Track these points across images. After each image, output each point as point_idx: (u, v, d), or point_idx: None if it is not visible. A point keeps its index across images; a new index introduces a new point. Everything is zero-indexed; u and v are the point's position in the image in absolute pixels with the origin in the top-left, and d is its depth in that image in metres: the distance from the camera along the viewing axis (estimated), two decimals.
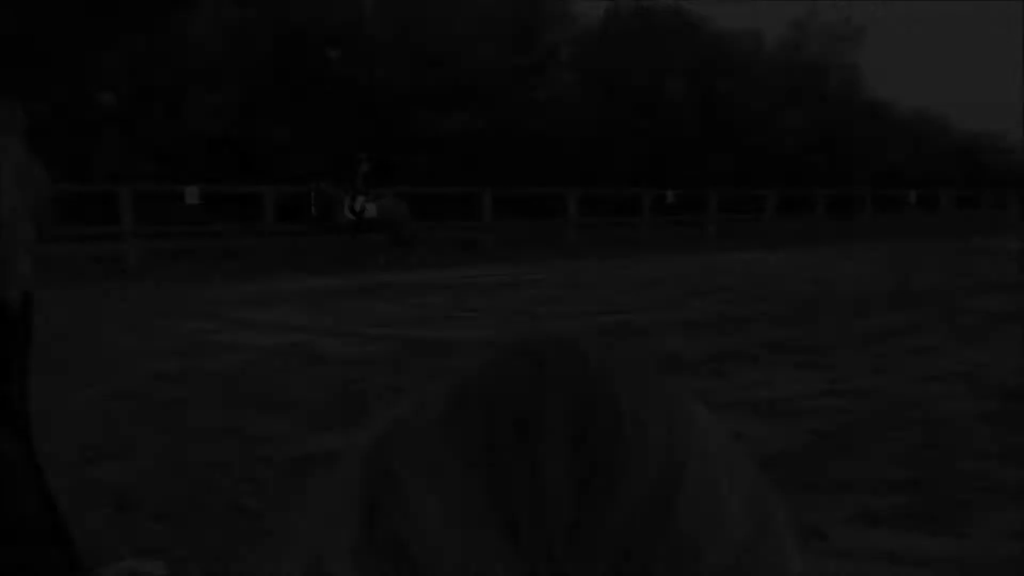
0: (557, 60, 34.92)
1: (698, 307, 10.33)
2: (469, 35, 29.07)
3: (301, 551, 0.31)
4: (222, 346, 7.68)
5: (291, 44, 25.72)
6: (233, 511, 3.75)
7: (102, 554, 3.26)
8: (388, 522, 0.29)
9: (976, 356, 7.14)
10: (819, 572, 2.83)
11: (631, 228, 24.12)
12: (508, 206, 29.13)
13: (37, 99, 21.37)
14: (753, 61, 39.66)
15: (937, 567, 3.23)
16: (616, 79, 34.96)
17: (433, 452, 0.30)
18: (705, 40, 37.29)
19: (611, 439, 0.30)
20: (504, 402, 0.31)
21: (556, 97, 33.40)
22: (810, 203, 29.61)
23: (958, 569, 3.19)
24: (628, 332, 8.33)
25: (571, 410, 0.30)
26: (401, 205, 17.12)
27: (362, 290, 12.20)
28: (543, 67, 33.86)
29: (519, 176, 31.21)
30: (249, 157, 24.65)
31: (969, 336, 8.17)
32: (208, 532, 3.54)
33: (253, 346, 7.64)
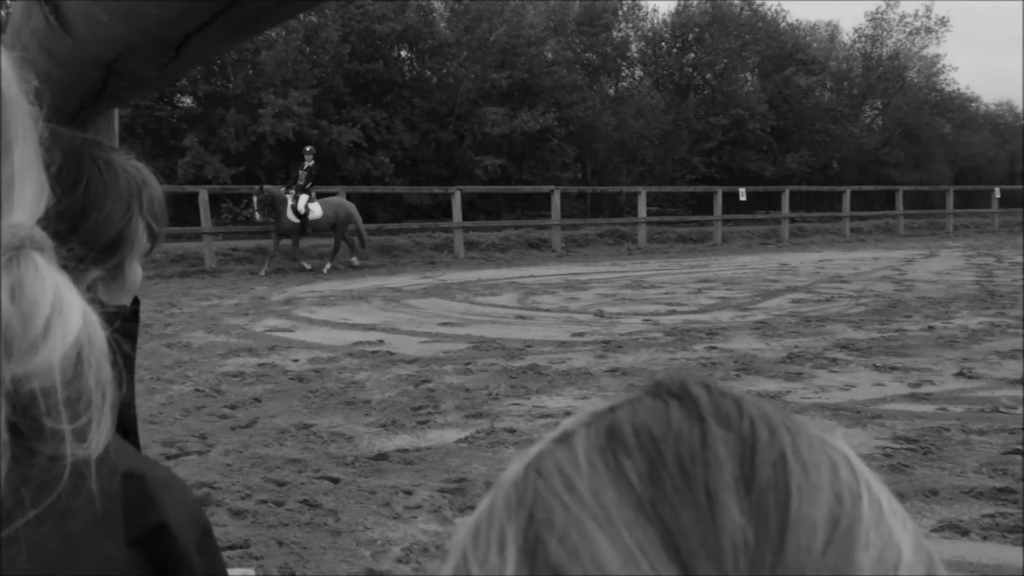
0: (627, 56, 34.65)
1: (771, 307, 10.12)
2: (538, 33, 29.04)
3: None
4: (296, 344, 7.81)
5: (362, 46, 26.07)
6: (308, 508, 3.81)
7: None
8: (551, 558, 0.28)
9: None
10: None
11: (702, 226, 23.80)
12: (577, 204, 29.08)
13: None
14: (830, 54, 38.73)
15: None
16: (687, 74, 34.54)
17: (594, 491, 0.30)
18: (780, 33, 36.55)
19: (782, 480, 0.29)
20: (664, 441, 0.31)
21: (626, 94, 33.16)
22: (889, 199, 28.75)
23: None
24: (698, 333, 8.21)
25: (737, 449, 0.30)
26: (347, 205, 15.60)
27: (432, 289, 12.31)
28: (613, 64, 33.64)
29: (589, 174, 31.11)
30: (321, 158, 25.06)
31: None
32: (284, 528, 3.60)
33: (326, 344, 7.76)
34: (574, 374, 6.42)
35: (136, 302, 1.22)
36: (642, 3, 36.11)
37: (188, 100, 25.53)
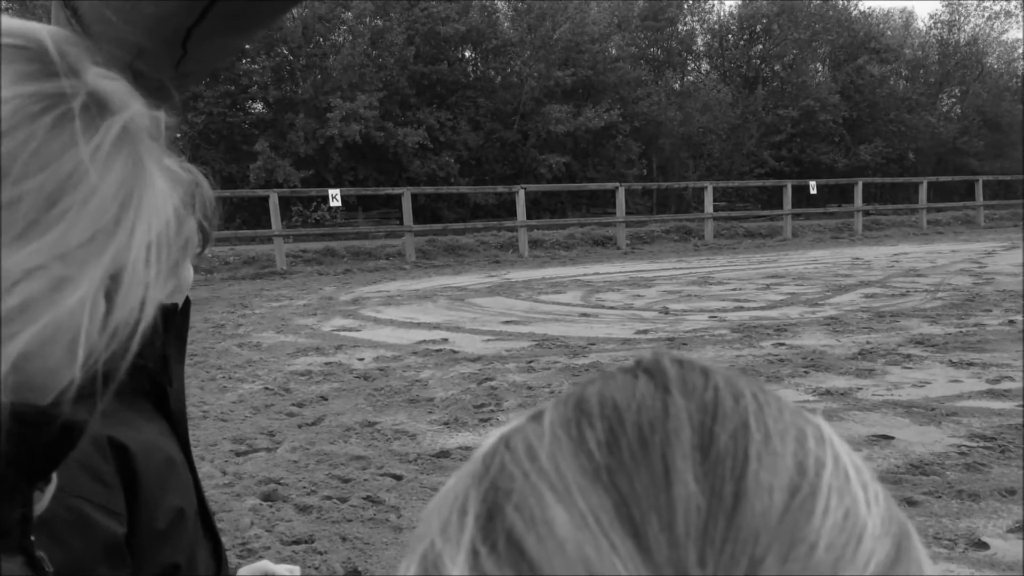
0: (693, 50, 34.22)
1: (843, 303, 9.88)
2: (602, 29, 28.90)
3: (421, 550, 0.32)
4: (362, 343, 7.93)
5: (427, 47, 26.30)
6: (371, 504, 3.86)
7: (249, 543, 3.42)
8: (507, 524, 0.29)
9: None
10: None
11: (771, 221, 23.36)
12: (642, 200, 28.85)
13: (195, 111, 22.75)
14: (904, 41, 37.62)
15: None
16: (755, 67, 33.94)
17: (554, 460, 0.30)
18: (851, 21, 35.64)
19: (740, 447, 0.29)
20: (626, 410, 0.31)
21: (692, 88, 32.76)
22: (968, 189, 27.80)
23: None
24: (766, 329, 8.06)
25: (697, 418, 0.30)
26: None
27: (497, 287, 12.35)
28: (678, 58, 33.27)
29: (654, 170, 30.83)
30: (387, 160, 25.39)
31: None
32: (348, 524, 3.65)
33: (391, 343, 7.85)
34: None
35: (187, 302, 1.25)
36: None
37: (259, 106, 26.15)
